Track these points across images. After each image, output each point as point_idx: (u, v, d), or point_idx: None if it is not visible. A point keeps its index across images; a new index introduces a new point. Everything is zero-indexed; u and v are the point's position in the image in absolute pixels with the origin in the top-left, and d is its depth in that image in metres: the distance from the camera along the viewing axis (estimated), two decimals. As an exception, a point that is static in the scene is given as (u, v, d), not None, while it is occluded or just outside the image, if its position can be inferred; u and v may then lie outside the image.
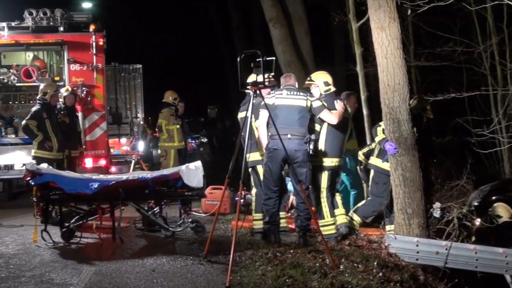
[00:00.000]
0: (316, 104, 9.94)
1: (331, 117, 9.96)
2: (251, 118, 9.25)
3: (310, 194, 10.08)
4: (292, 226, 10.55)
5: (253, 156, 10.05)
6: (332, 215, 10.15)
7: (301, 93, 9.87)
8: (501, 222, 12.04)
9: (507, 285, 9.97)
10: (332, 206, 10.20)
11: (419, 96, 12.33)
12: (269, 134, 9.48)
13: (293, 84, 9.99)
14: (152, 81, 21.14)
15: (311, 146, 9.52)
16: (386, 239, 9.54)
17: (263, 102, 9.18)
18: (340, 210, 10.38)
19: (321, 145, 10.07)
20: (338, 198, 10.48)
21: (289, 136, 9.46)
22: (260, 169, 10.15)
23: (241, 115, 10.37)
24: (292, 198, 11.75)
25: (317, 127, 10.07)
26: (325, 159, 10.08)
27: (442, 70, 19.37)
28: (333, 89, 10.29)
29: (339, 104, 10.14)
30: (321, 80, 10.32)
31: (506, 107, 15.66)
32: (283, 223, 10.24)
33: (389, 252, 9.28)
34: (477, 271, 9.89)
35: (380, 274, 8.05)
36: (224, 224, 11.76)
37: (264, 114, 9.51)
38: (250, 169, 10.26)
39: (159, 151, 15.97)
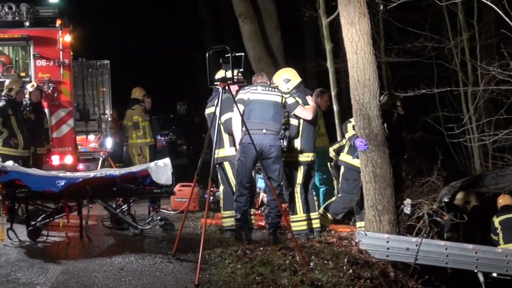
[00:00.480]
0: (290, 101, 10.00)
1: (306, 112, 10.01)
2: (220, 114, 9.22)
3: (284, 190, 10.12)
4: (262, 223, 10.58)
5: (221, 153, 10.02)
6: (305, 211, 10.16)
7: (276, 90, 9.91)
8: (469, 208, 12.24)
9: (477, 280, 10.08)
10: (306, 202, 10.22)
11: (390, 92, 12.41)
12: (243, 129, 9.49)
13: (266, 82, 10.04)
14: (120, 77, 20.96)
15: (285, 143, 9.56)
16: (356, 236, 9.59)
17: (237, 97, 9.22)
18: (316, 214, 10.44)
19: (297, 141, 10.10)
20: (315, 199, 10.53)
21: (264, 131, 9.48)
22: (227, 166, 10.16)
23: (208, 111, 10.36)
24: (262, 195, 11.78)
25: (294, 121, 10.06)
26: (301, 155, 10.11)
27: (412, 66, 19.54)
28: (296, 82, 10.28)
29: (311, 99, 10.20)
30: (280, 79, 10.32)
31: (476, 103, 15.83)
32: (252, 220, 10.27)
33: (360, 249, 9.34)
34: (447, 268, 10.01)
35: (350, 271, 8.08)
36: (194, 221, 11.75)
37: (238, 109, 9.48)
38: (217, 166, 10.22)
39: (133, 149, 15.86)
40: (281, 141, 9.55)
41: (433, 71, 18.26)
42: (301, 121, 10.10)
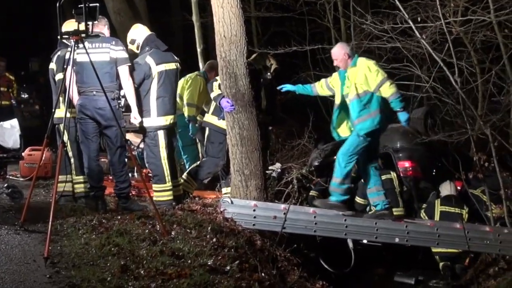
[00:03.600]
0: (122, 55, 9.60)
1: (128, 77, 9.66)
2: (56, 72, 8.88)
3: (149, 156, 10.00)
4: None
5: (58, 113, 9.70)
6: (174, 178, 10.11)
7: (108, 44, 9.54)
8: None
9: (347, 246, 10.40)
10: (173, 168, 10.17)
11: (260, 51, 12.49)
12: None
13: (101, 30, 9.61)
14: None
15: (122, 103, 9.42)
16: (221, 204, 9.65)
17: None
18: (179, 180, 10.42)
19: (152, 103, 9.96)
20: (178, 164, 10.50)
21: (94, 93, 9.30)
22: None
23: (52, 66, 10.07)
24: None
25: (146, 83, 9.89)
26: (158, 118, 9.98)
27: (284, 22, 19.73)
28: (141, 39, 10.14)
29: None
30: (128, 42, 10.19)
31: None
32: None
33: (225, 217, 9.41)
34: (316, 236, 10.25)
35: (214, 240, 8.13)
36: (45, 189, 11.48)
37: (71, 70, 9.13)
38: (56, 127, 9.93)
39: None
40: (115, 101, 9.35)
41: (305, 28, 18.48)
42: (155, 82, 9.91)
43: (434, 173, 12.61)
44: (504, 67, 12.37)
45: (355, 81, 9.64)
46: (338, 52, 9.88)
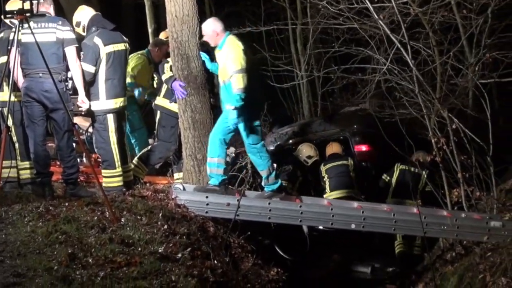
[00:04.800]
0: (69, 35, 9.47)
1: (76, 58, 9.55)
2: (7, 53, 8.71)
3: (98, 141, 9.92)
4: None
5: (1, 96, 9.57)
6: (124, 163, 10.06)
7: (54, 24, 9.40)
8: (310, 163, 12.70)
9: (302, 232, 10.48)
10: (123, 153, 10.12)
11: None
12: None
13: (47, 9, 9.49)
14: None
15: (69, 85, 9.33)
16: (173, 191, 9.62)
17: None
18: (130, 166, 10.38)
19: (101, 86, 9.84)
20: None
21: (40, 75, 9.22)
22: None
23: None
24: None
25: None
26: (107, 101, 9.90)
27: (238, 2, 19.70)
28: (85, 20, 10.02)
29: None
30: (73, 23, 10.07)
31: (305, 42, 16.26)
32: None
33: (177, 203, 9.40)
34: (271, 222, 10.28)
35: (166, 226, 8.13)
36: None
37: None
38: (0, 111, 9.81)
39: None
40: (63, 83, 9.26)
41: (260, 8, 18.46)
42: (103, 63, 9.84)
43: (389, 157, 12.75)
44: (462, 49, 12.50)
45: (221, 65, 9.56)
46: (207, 27, 9.59)
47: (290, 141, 13.71)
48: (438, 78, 11.54)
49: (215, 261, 8.15)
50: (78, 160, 10.63)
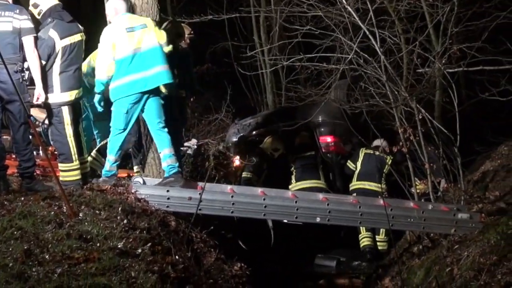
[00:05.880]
0: (26, 24, 9.36)
1: (34, 49, 9.43)
2: None
3: (54, 134, 9.83)
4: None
5: None
6: (80, 155, 9.96)
7: (11, 12, 9.29)
8: (277, 155, 12.73)
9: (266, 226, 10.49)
10: (80, 147, 10.01)
11: (174, 19, 12.36)
12: None
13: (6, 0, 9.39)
14: None
15: (26, 76, 9.23)
16: (133, 186, 9.55)
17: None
18: (87, 157, 10.31)
19: (55, 79, 9.68)
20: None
21: None
22: None
23: None
24: None
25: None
26: (62, 94, 9.80)
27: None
28: (45, 6, 9.75)
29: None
30: (30, 2, 9.92)
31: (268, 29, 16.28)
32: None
33: (137, 197, 9.35)
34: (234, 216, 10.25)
35: (125, 221, 8.08)
36: None
37: None
38: None
39: None
40: (18, 73, 9.16)
41: (222, -5, 18.45)
42: (59, 55, 9.69)
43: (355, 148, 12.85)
44: (429, 37, 12.59)
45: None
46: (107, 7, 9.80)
47: (254, 132, 13.69)
48: (405, 67, 11.62)
49: (177, 257, 8.12)
50: (35, 153, 10.54)
